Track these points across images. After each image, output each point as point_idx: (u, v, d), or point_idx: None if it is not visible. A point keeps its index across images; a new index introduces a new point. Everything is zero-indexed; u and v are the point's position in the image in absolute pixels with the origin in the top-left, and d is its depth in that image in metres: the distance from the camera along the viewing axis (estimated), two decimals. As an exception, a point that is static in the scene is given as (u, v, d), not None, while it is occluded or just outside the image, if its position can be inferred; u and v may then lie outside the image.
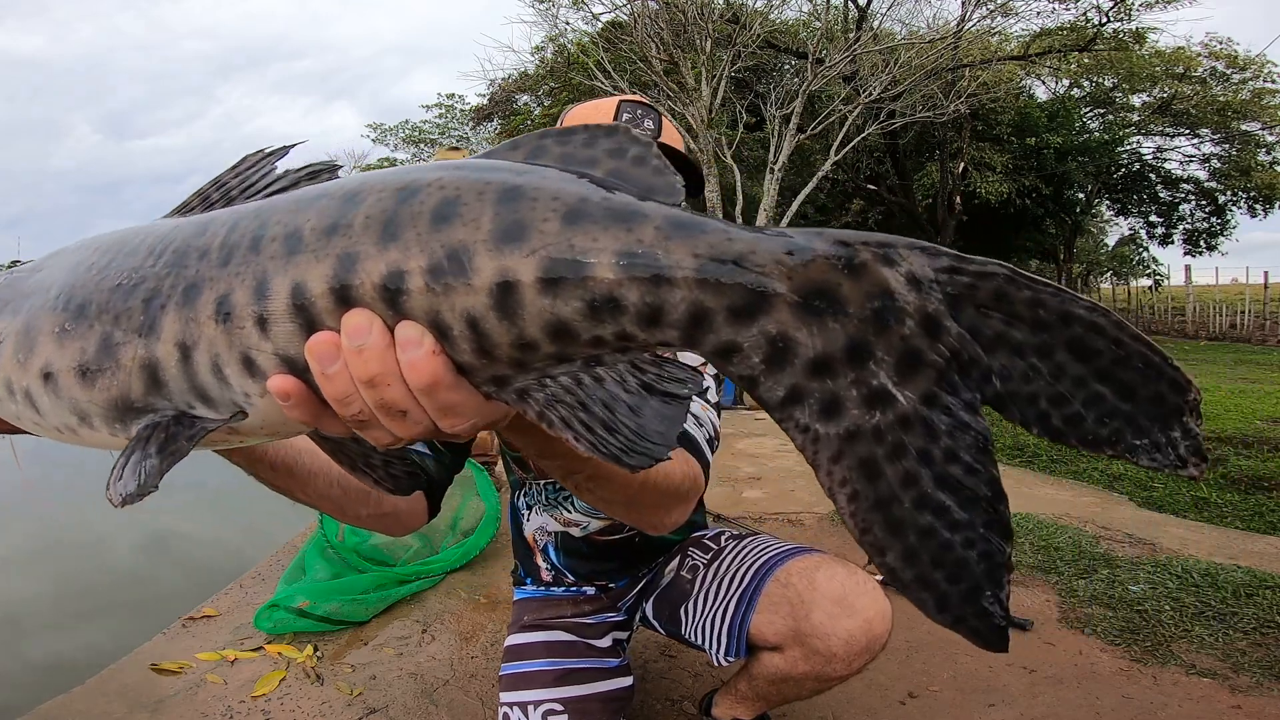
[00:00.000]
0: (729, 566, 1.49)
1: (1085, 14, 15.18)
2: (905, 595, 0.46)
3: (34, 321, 0.62)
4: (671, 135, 1.33)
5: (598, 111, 1.30)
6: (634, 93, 13.38)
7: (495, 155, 0.54)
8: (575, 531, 1.52)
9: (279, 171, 0.66)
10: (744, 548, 1.51)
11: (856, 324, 0.44)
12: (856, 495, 0.45)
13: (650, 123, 1.28)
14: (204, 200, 0.67)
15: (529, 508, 1.58)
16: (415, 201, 0.49)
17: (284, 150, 0.67)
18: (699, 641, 1.47)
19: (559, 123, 1.35)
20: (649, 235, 0.45)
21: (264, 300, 0.51)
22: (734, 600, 1.43)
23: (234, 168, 0.67)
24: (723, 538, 1.57)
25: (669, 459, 0.47)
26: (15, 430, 0.72)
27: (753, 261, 0.44)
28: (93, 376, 0.58)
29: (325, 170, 0.64)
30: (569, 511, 1.51)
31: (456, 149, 4.32)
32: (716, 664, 1.45)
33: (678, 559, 1.59)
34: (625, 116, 1.28)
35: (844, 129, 13.48)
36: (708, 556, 1.54)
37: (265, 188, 0.64)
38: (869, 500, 0.45)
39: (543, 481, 1.55)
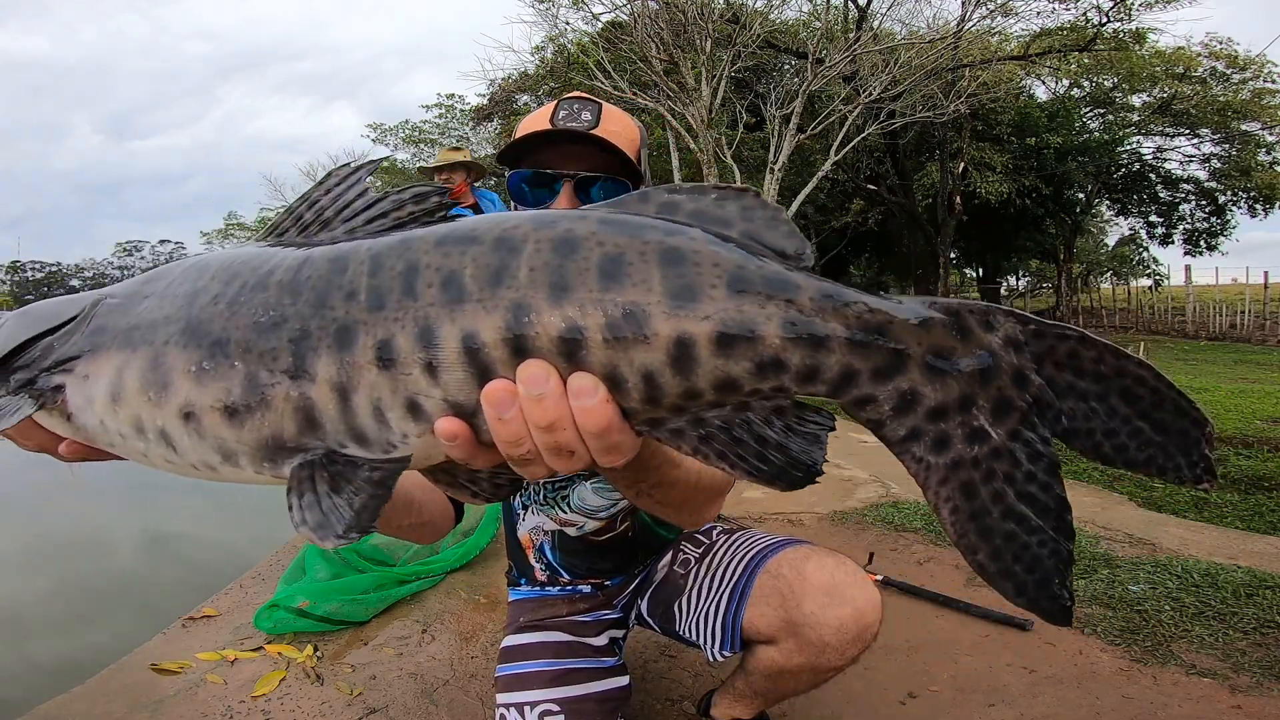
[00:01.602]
0: (720, 560, 1.50)
1: (1085, 14, 15.17)
2: (991, 585, 0.57)
3: (161, 357, 0.61)
4: (615, 122, 1.30)
5: (541, 116, 1.30)
6: (634, 93, 13.39)
7: (625, 207, 0.58)
8: (571, 531, 1.53)
9: (371, 190, 0.65)
10: (734, 541, 1.51)
11: (967, 379, 0.54)
12: (957, 509, 0.55)
13: (588, 114, 1.28)
14: (297, 220, 0.66)
15: (524, 507, 1.58)
16: (578, 256, 0.53)
17: (372, 164, 0.67)
18: (693, 637, 1.47)
19: (513, 136, 1.35)
20: (806, 305, 0.53)
21: (432, 348, 0.54)
22: (726, 594, 1.43)
23: (323, 184, 0.67)
24: (714, 532, 1.57)
25: (817, 481, 0.55)
26: (109, 458, 0.74)
27: (892, 330, 0.53)
28: (241, 417, 0.58)
29: (435, 193, 0.64)
30: (565, 511, 1.51)
31: (458, 149, 4.39)
32: (711, 660, 1.45)
33: (670, 554, 1.59)
34: (562, 113, 1.27)
35: (844, 129, 13.47)
36: (699, 550, 1.55)
37: (365, 208, 0.64)
38: (966, 513, 0.55)
39: (541, 480, 1.55)
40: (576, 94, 1.32)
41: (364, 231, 0.63)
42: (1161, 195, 23.19)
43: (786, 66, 17.41)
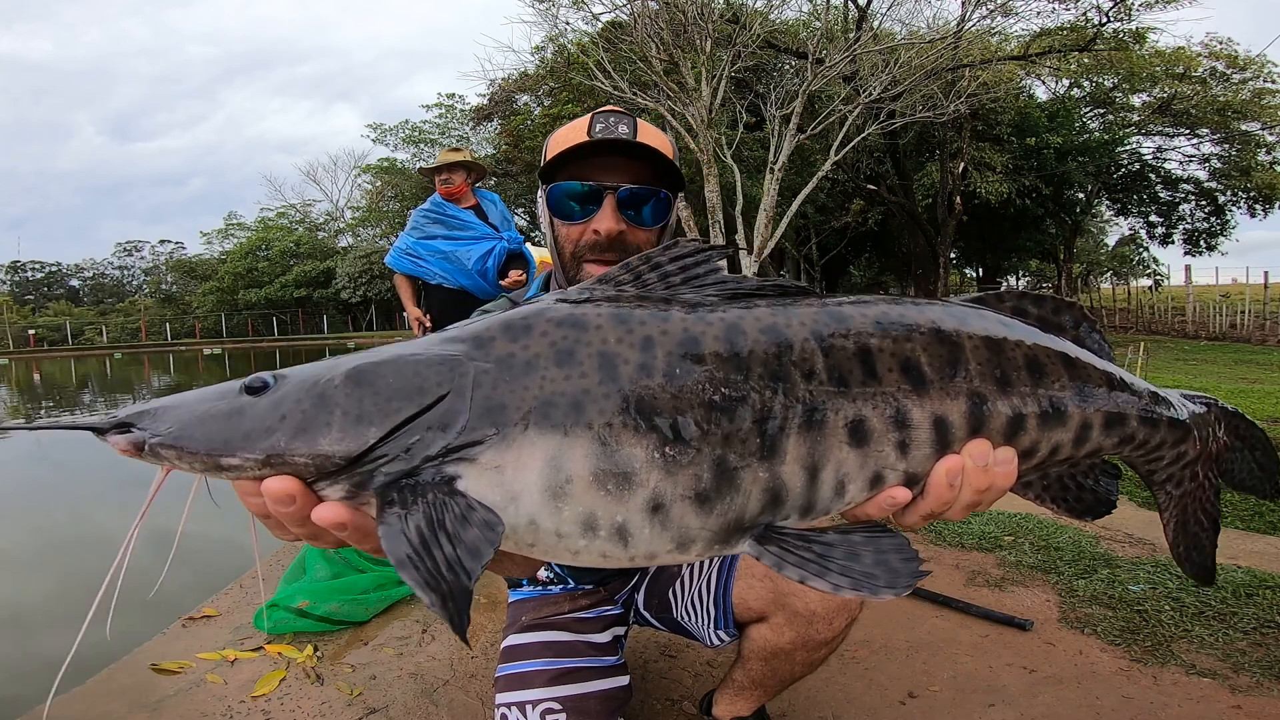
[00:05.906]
0: None
1: (1085, 14, 15.17)
2: (1178, 562, 0.89)
3: (611, 442, 0.55)
4: (650, 136, 1.32)
5: (577, 129, 1.30)
6: (634, 93, 13.38)
7: (986, 304, 0.73)
8: None
9: (723, 269, 0.67)
10: None
11: (1203, 447, 0.83)
12: (1175, 519, 0.87)
13: (624, 127, 1.28)
14: (635, 275, 0.65)
15: None
16: (1005, 355, 0.67)
17: (726, 250, 0.68)
18: (690, 621, 1.48)
19: (544, 152, 1.33)
20: (1146, 400, 0.76)
21: (905, 428, 0.61)
22: (715, 570, 1.45)
23: (668, 250, 0.66)
24: None
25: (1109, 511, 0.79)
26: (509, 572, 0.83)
27: (1183, 416, 0.79)
28: (710, 503, 0.57)
29: (797, 292, 0.68)
30: None
31: (458, 149, 4.45)
32: (709, 644, 1.45)
33: None
34: (599, 126, 1.27)
35: (844, 129, 13.46)
36: None
37: (717, 283, 0.65)
38: (1179, 522, 0.87)
39: None
40: (610, 108, 1.32)
41: (725, 299, 0.65)
42: (1161, 195, 23.21)
43: (786, 66, 17.42)
